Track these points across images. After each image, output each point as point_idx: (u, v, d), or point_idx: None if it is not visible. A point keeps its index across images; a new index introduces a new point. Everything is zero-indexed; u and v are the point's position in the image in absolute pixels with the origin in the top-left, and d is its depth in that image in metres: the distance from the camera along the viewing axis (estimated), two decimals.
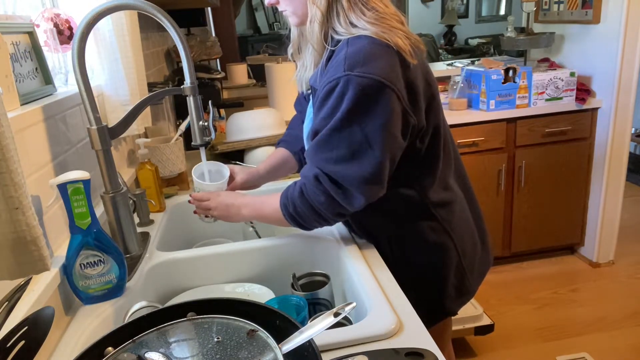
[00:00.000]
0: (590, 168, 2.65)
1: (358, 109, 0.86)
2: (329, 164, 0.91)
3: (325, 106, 0.90)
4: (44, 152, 0.91)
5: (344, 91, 0.87)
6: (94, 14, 0.92)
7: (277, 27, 5.80)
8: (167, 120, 1.66)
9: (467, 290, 1.14)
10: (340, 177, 0.90)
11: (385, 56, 0.88)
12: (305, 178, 0.96)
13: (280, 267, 1.11)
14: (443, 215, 1.06)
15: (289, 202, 0.98)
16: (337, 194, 0.92)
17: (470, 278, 1.13)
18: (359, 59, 0.87)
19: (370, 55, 0.88)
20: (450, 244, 1.07)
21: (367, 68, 0.86)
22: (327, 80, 0.90)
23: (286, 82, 2.40)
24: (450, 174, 1.09)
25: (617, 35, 2.36)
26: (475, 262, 1.15)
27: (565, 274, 2.70)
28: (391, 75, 0.87)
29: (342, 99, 0.87)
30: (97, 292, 0.88)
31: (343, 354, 0.71)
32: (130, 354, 0.58)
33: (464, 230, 1.11)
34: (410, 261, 1.07)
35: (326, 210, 0.95)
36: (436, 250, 1.07)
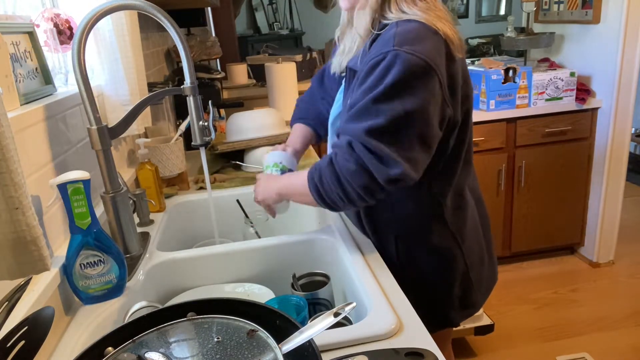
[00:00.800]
0: (590, 168, 2.65)
1: (402, 84, 0.85)
2: (364, 133, 0.87)
3: (368, 79, 0.88)
4: (44, 152, 0.91)
5: (390, 65, 0.85)
6: (94, 14, 0.92)
7: (277, 27, 5.80)
8: (167, 120, 1.66)
9: (473, 304, 1.12)
10: (374, 146, 0.86)
11: (434, 41, 0.88)
12: (336, 147, 0.92)
13: (280, 267, 1.11)
14: (454, 221, 1.04)
15: (316, 171, 0.94)
16: (371, 161, 0.87)
17: (477, 292, 1.11)
18: (410, 37, 0.87)
19: (421, 36, 0.87)
20: (458, 252, 1.05)
21: (416, 47, 0.85)
22: (373, 55, 0.89)
23: (286, 82, 2.40)
24: (466, 180, 1.07)
25: (617, 35, 2.36)
26: (482, 276, 1.13)
27: (565, 274, 2.70)
28: (438, 60, 0.87)
29: (388, 72, 0.85)
30: (97, 292, 0.88)
31: (343, 354, 0.71)
32: (130, 354, 0.58)
33: (473, 241, 1.09)
34: (416, 265, 1.06)
35: (353, 182, 0.89)
36: (442, 257, 1.05)
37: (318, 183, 0.93)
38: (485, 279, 1.14)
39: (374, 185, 0.89)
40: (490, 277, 1.18)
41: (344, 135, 0.91)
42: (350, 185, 0.90)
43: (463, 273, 1.07)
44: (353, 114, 0.90)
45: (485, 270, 1.14)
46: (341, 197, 0.92)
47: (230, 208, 1.43)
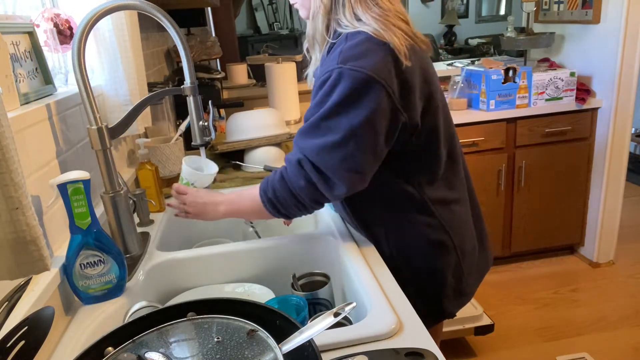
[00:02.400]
0: (590, 168, 2.65)
1: (347, 100, 0.89)
2: (313, 151, 0.92)
3: (317, 95, 0.93)
4: (44, 152, 0.91)
5: (335, 83, 0.89)
6: (94, 14, 0.92)
7: (277, 27, 5.80)
8: (167, 120, 1.66)
9: (465, 292, 1.14)
10: (322, 164, 0.92)
11: (379, 53, 0.90)
12: (288, 162, 0.97)
13: (280, 267, 1.11)
14: (443, 214, 1.06)
15: (269, 187, 0.99)
16: (318, 180, 0.93)
17: (468, 279, 1.13)
18: (354, 53, 0.90)
19: (365, 50, 0.90)
20: (450, 243, 1.07)
21: (360, 62, 0.88)
22: (322, 72, 0.93)
23: (286, 82, 2.40)
24: (455, 174, 1.09)
25: (617, 35, 2.36)
26: (474, 263, 1.15)
27: (565, 274, 2.70)
28: (383, 71, 0.89)
29: (333, 90, 0.89)
30: (97, 292, 0.88)
31: (343, 354, 0.71)
32: (130, 354, 0.58)
33: (465, 231, 1.11)
34: (408, 258, 1.07)
35: (305, 196, 0.95)
36: (434, 249, 1.07)
37: (273, 198, 0.99)
38: (477, 266, 1.16)
39: (323, 198, 0.96)
40: (483, 264, 1.20)
41: (296, 150, 0.96)
42: (303, 198, 0.96)
43: (455, 263, 1.09)
44: (304, 130, 0.95)
45: (476, 258, 1.16)
46: (297, 207, 0.98)
47: None
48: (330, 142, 0.90)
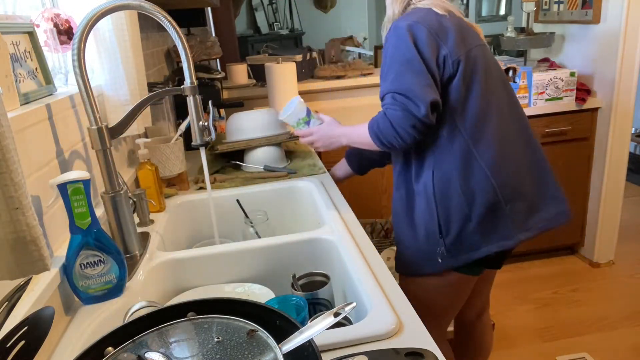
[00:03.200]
0: (590, 168, 2.65)
1: (398, 43, 1.16)
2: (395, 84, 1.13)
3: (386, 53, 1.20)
4: (44, 152, 0.91)
5: (392, 33, 1.19)
6: (94, 14, 0.93)
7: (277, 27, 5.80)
8: (167, 120, 1.66)
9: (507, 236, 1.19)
10: (403, 89, 1.12)
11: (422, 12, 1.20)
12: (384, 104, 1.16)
13: (280, 267, 1.11)
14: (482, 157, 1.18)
15: (375, 123, 1.17)
16: (408, 102, 1.11)
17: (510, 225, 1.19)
18: (413, 13, 1.21)
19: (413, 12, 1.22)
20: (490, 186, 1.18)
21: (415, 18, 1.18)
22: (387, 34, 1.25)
23: (286, 82, 2.40)
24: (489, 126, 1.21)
25: (617, 35, 2.36)
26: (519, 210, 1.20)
27: (565, 274, 2.70)
28: (424, 20, 1.17)
29: (391, 39, 1.18)
30: (97, 292, 0.88)
31: (343, 354, 0.71)
32: (130, 354, 0.58)
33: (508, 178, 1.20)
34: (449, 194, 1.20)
35: (403, 123, 1.12)
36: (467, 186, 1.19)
37: (377, 131, 1.17)
38: (527, 215, 1.22)
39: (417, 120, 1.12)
40: (545, 216, 1.25)
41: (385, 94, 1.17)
42: (401, 125, 1.12)
43: (492, 203, 1.18)
44: (383, 77, 1.18)
45: (530, 207, 1.22)
46: (396, 138, 1.14)
47: (230, 208, 1.43)
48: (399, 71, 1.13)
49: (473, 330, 1.60)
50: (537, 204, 1.24)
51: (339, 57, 3.08)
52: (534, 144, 1.27)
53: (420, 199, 1.24)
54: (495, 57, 1.50)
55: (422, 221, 1.24)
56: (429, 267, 1.26)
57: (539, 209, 1.24)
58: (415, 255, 1.28)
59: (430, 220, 1.22)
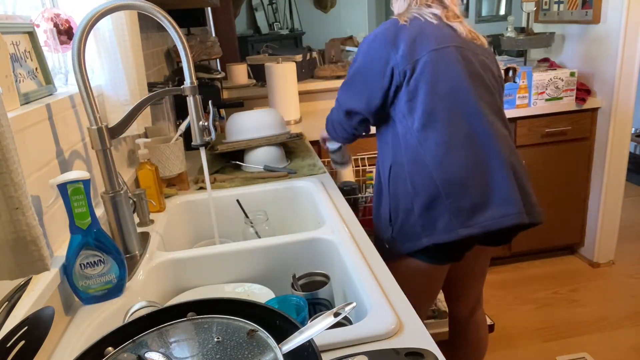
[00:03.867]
0: (590, 168, 2.65)
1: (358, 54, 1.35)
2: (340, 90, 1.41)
3: None
4: (44, 152, 0.91)
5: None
6: (94, 14, 0.93)
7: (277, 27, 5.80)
8: (167, 120, 1.66)
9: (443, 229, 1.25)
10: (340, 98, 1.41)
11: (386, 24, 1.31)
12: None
13: (280, 267, 1.11)
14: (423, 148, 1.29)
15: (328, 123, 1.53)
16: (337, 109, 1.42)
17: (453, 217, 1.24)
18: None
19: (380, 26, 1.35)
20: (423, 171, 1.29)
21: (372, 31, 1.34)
22: None
23: (286, 82, 2.40)
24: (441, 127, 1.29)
25: (617, 35, 2.36)
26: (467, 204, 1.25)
27: (565, 274, 2.70)
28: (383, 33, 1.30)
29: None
30: (97, 292, 0.88)
31: (343, 354, 0.71)
32: (130, 354, 0.58)
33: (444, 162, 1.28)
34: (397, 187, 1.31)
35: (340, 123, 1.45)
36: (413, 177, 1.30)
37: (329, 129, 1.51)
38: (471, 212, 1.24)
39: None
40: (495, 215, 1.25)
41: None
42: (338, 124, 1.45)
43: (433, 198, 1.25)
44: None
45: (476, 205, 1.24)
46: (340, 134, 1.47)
47: (230, 208, 1.43)
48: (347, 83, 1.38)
49: (467, 328, 1.61)
50: (484, 204, 1.24)
51: (339, 57, 3.08)
52: (493, 148, 1.26)
53: (381, 189, 1.39)
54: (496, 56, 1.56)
55: (381, 210, 1.39)
56: (381, 252, 1.27)
57: (486, 209, 1.24)
58: (377, 242, 1.40)
59: (385, 208, 1.36)
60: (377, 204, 1.42)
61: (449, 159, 1.24)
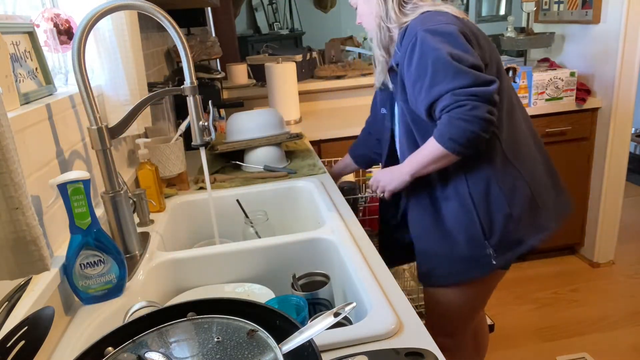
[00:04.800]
0: (590, 168, 2.65)
1: (436, 43, 1.10)
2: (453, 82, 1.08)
3: (412, 60, 1.13)
4: (44, 152, 0.91)
5: (423, 36, 1.12)
6: (94, 14, 0.92)
7: (277, 27, 5.80)
8: (167, 120, 1.66)
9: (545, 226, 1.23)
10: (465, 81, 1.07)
11: (442, 14, 1.17)
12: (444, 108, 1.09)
13: (280, 267, 1.11)
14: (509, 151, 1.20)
15: (442, 136, 1.10)
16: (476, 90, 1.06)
17: (546, 214, 1.24)
18: (424, 19, 1.15)
19: (430, 16, 1.16)
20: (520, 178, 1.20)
21: (432, 22, 1.14)
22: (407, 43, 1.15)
23: (286, 82, 2.40)
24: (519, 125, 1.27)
25: (617, 35, 2.36)
26: (550, 201, 1.25)
27: (565, 274, 2.70)
28: (453, 20, 1.15)
29: (425, 41, 1.11)
30: (97, 292, 0.88)
31: (343, 354, 0.71)
32: (130, 354, 0.58)
33: (533, 170, 1.24)
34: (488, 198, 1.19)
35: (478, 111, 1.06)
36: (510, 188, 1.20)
37: (453, 138, 1.09)
38: (553, 205, 1.26)
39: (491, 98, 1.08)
40: (561, 205, 1.30)
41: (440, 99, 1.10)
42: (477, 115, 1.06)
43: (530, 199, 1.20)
44: (429, 84, 1.10)
45: (552, 198, 1.26)
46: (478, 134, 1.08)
47: (230, 208, 1.43)
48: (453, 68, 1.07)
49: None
50: (555, 196, 1.29)
51: (339, 57, 3.08)
52: (539, 140, 1.33)
53: (450, 204, 1.21)
54: None
55: (459, 226, 1.21)
56: (476, 271, 1.25)
57: (557, 200, 1.30)
58: (456, 263, 1.24)
59: (470, 224, 1.20)
60: (439, 230, 1.24)
61: (529, 156, 1.24)
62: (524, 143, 1.24)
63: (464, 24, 1.15)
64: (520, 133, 1.24)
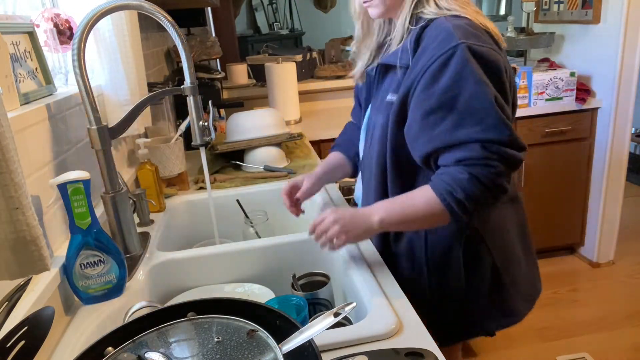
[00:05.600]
0: (590, 168, 2.65)
1: (484, 74, 0.85)
2: (489, 131, 0.84)
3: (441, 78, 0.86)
4: (44, 152, 0.91)
5: (466, 57, 0.84)
6: (94, 14, 0.92)
7: (277, 27, 5.80)
8: (167, 120, 1.66)
9: (511, 311, 1.07)
10: (502, 138, 0.85)
11: (487, 36, 0.90)
12: (468, 159, 0.85)
13: (280, 267, 1.11)
14: (478, 216, 0.98)
15: (456, 186, 0.85)
16: (509, 153, 0.85)
17: (515, 297, 1.06)
18: (470, 31, 0.87)
19: (478, 31, 0.89)
20: (484, 249, 1.01)
21: (481, 40, 0.87)
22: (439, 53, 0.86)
23: (286, 82, 2.40)
24: None
25: (617, 35, 2.36)
26: (519, 279, 1.07)
27: (565, 274, 2.69)
28: (498, 49, 0.90)
29: (467, 64, 0.84)
30: (97, 292, 0.88)
31: (343, 354, 0.71)
32: (130, 354, 0.58)
33: (502, 240, 1.04)
34: (438, 264, 1.01)
35: (503, 177, 0.86)
36: (468, 254, 1.00)
37: (463, 198, 0.85)
38: (522, 284, 1.07)
39: (517, 166, 0.89)
40: (530, 284, 1.13)
41: (462, 145, 0.86)
42: (499, 181, 0.86)
43: (493, 271, 1.01)
44: (457, 119, 0.85)
45: (521, 273, 1.07)
46: (488, 206, 0.91)
47: (230, 208, 1.43)
48: (495, 116, 0.84)
49: None
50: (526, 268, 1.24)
51: (339, 57, 3.08)
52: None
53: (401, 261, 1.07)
54: None
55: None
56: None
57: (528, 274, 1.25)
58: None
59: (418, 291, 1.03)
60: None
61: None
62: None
63: (503, 54, 0.92)
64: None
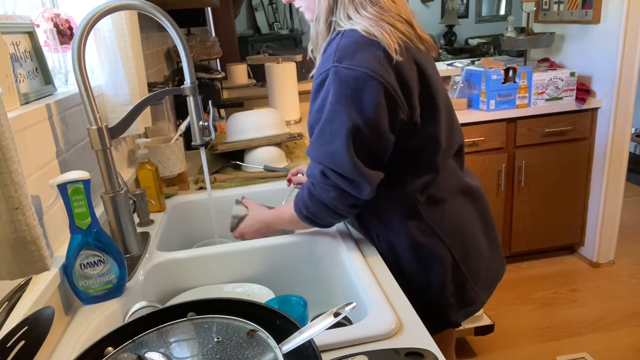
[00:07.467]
0: (590, 168, 2.65)
1: (345, 99, 0.89)
2: (330, 158, 0.92)
3: (317, 99, 0.94)
4: (44, 152, 0.91)
5: (332, 83, 0.90)
6: (94, 14, 0.92)
7: (277, 27, 5.80)
8: (167, 120, 1.66)
9: (471, 301, 1.10)
10: (343, 168, 0.91)
11: (372, 49, 0.90)
12: (311, 177, 0.97)
13: (280, 267, 1.11)
14: (430, 215, 1.03)
15: (302, 205, 1.01)
16: (346, 185, 0.93)
17: (474, 287, 1.08)
18: (348, 52, 0.90)
19: (357, 48, 0.90)
20: (441, 245, 1.03)
21: (354, 60, 0.88)
22: (318, 73, 0.94)
23: (286, 82, 2.40)
24: (447, 176, 1.06)
25: (617, 35, 2.36)
26: (479, 270, 1.10)
27: (565, 274, 2.70)
28: (378, 67, 0.89)
29: (329, 91, 0.90)
30: (97, 292, 0.88)
31: (343, 354, 0.71)
32: (130, 354, 0.58)
33: (460, 234, 1.07)
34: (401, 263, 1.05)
35: (339, 204, 0.96)
36: (425, 251, 1.03)
37: (308, 214, 1.01)
38: (483, 273, 1.11)
39: (357, 200, 0.96)
40: (492, 272, 1.15)
41: (314, 163, 0.96)
42: (338, 207, 0.97)
43: (453, 267, 1.05)
44: (314, 140, 0.95)
45: (483, 264, 1.11)
46: (334, 217, 1.01)
47: (230, 208, 1.43)
48: (341, 145, 0.90)
49: None
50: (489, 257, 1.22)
51: None
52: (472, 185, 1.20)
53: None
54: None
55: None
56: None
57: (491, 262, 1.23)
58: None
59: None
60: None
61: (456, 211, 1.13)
62: (446, 202, 1.05)
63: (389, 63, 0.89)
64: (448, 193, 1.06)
